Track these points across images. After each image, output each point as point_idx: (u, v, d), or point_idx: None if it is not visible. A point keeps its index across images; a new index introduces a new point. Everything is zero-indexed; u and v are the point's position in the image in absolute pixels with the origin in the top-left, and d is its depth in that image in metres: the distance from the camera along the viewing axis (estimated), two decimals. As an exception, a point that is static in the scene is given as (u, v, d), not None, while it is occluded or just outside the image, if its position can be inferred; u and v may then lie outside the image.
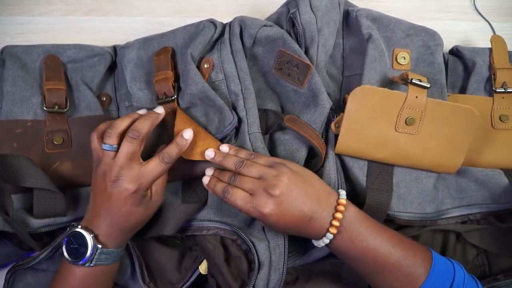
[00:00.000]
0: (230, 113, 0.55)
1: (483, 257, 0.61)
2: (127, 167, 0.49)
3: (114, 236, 0.51)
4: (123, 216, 0.50)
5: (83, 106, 0.61)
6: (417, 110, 0.55)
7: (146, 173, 0.50)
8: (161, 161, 0.51)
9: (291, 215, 0.49)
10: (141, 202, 0.51)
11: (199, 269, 0.57)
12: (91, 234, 0.50)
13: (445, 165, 0.58)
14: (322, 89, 0.56)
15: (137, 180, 0.49)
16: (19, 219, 0.55)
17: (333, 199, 0.51)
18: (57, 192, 0.54)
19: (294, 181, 0.50)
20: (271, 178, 0.49)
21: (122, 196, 0.49)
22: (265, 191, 0.49)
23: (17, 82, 0.59)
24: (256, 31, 0.58)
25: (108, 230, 0.50)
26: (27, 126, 0.58)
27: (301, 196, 0.49)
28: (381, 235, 0.50)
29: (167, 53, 0.59)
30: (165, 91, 0.58)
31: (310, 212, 0.49)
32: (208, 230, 0.55)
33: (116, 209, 0.50)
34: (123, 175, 0.49)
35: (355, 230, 0.50)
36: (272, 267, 0.53)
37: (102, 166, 0.50)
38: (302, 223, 0.50)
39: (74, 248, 0.50)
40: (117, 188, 0.49)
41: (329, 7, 0.59)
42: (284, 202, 0.49)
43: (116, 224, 0.50)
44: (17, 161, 0.53)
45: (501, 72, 0.62)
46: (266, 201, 0.49)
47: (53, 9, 0.69)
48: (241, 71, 0.57)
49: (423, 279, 0.48)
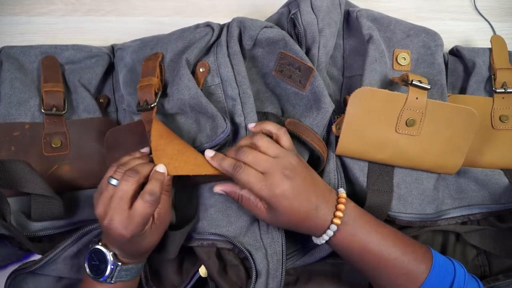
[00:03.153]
0: (223, 121, 0.54)
1: (483, 257, 0.62)
2: (118, 209, 0.47)
3: (130, 257, 0.51)
4: (129, 248, 0.50)
5: (82, 108, 0.61)
6: (418, 112, 0.55)
7: (135, 216, 0.47)
8: (145, 202, 0.47)
9: (300, 203, 0.49)
10: (142, 236, 0.49)
11: (199, 272, 0.57)
12: (111, 251, 0.50)
13: (445, 166, 0.58)
14: (324, 92, 0.56)
15: (128, 226, 0.47)
16: (17, 222, 0.55)
17: (334, 195, 0.51)
18: (54, 198, 0.54)
19: (305, 171, 0.50)
20: (286, 160, 0.49)
21: (120, 238, 0.48)
22: (281, 171, 0.48)
23: (14, 84, 0.58)
24: (257, 32, 0.57)
25: (121, 253, 0.50)
26: (25, 129, 0.58)
27: (310, 186, 0.49)
28: (381, 232, 0.50)
29: (156, 59, 0.57)
30: (146, 98, 0.55)
31: (316, 203, 0.49)
32: (204, 241, 0.55)
33: (120, 243, 0.49)
34: (114, 219, 0.47)
35: (356, 225, 0.50)
36: (270, 275, 0.53)
37: (101, 200, 0.49)
38: (307, 214, 0.49)
39: (95, 264, 0.50)
40: (113, 231, 0.48)
41: (330, 7, 0.59)
42: (296, 187, 0.48)
43: (125, 251, 0.50)
44: (14, 167, 0.53)
45: (501, 72, 0.62)
46: (281, 181, 0.48)
47: (53, 9, 0.69)
48: (238, 75, 0.56)
49: (424, 276, 0.48)
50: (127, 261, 0.51)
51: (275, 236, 0.54)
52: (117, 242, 0.49)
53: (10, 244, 0.58)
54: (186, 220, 0.55)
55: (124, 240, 0.48)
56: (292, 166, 0.49)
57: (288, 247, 0.57)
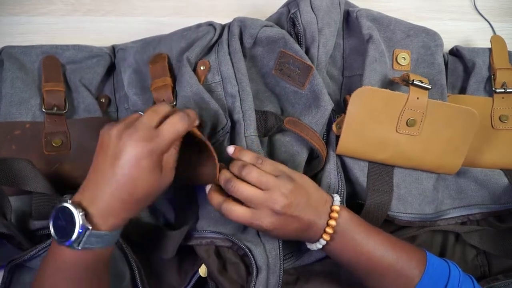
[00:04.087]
0: (224, 118, 0.54)
1: (482, 258, 0.62)
2: (141, 126, 0.43)
3: (112, 212, 0.44)
4: (130, 182, 0.43)
5: (82, 107, 0.61)
6: (418, 112, 0.55)
7: (165, 129, 0.44)
8: (181, 117, 0.45)
9: (291, 228, 0.50)
10: (153, 169, 0.44)
11: (199, 272, 0.57)
12: (82, 212, 0.42)
13: (445, 166, 0.58)
14: (323, 91, 0.56)
15: (152, 137, 0.43)
16: (18, 220, 0.55)
17: (328, 206, 0.51)
18: (55, 196, 0.54)
19: (296, 195, 0.49)
20: (275, 192, 0.49)
21: (134, 155, 0.42)
22: (268, 206, 0.48)
23: (15, 84, 0.58)
24: (257, 31, 0.57)
25: (107, 202, 0.43)
26: (26, 128, 0.58)
27: (302, 209, 0.49)
28: (374, 239, 0.50)
29: (163, 60, 0.58)
30: (164, 98, 0.56)
31: (308, 222, 0.50)
32: (202, 239, 0.55)
33: (123, 173, 0.43)
34: (136, 133, 0.43)
35: (348, 235, 0.50)
36: (270, 270, 0.53)
37: (122, 124, 0.44)
38: (300, 231, 0.50)
39: (61, 225, 0.43)
40: (131, 143, 0.42)
41: (329, 7, 0.59)
42: (285, 217, 0.49)
43: (119, 192, 0.43)
44: (16, 164, 0.53)
45: (501, 72, 0.62)
46: (267, 216, 0.48)
47: (53, 9, 0.69)
48: (238, 72, 0.56)
49: (417, 280, 0.48)
50: (102, 222, 0.43)
51: None
52: (120, 171, 0.43)
53: (10, 244, 0.58)
54: (185, 220, 0.55)
55: (136, 159, 0.42)
56: (280, 198, 0.48)
57: (287, 247, 0.57)
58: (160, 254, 0.55)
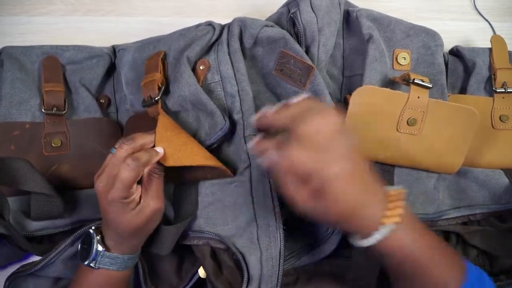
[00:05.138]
0: (222, 118, 0.54)
1: (483, 258, 0.61)
2: (108, 172, 0.48)
3: (117, 241, 0.50)
4: (112, 221, 0.49)
5: (82, 108, 0.61)
6: (419, 111, 0.55)
7: (116, 179, 0.47)
8: (126, 165, 0.46)
9: (356, 187, 0.40)
10: (122, 210, 0.48)
11: (198, 273, 0.56)
12: (98, 235, 0.50)
13: (445, 166, 0.58)
14: (325, 91, 0.56)
15: (110, 189, 0.47)
16: (16, 221, 0.54)
17: (380, 187, 0.43)
18: (54, 196, 0.54)
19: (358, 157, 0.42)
20: (343, 141, 0.41)
21: (102, 203, 0.48)
22: (339, 150, 0.40)
23: (15, 84, 0.58)
24: (257, 31, 0.57)
25: (109, 234, 0.50)
26: (25, 128, 0.58)
27: (365, 173, 0.42)
28: (425, 239, 0.44)
29: (158, 56, 0.58)
30: (150, 93, 0.56)
31: (374, 190, 0.42)
32: (199, 240, 0.54)
33: (104, 215, 0.49)
34: (102, 182, 0.48)
35: (405, 230, 0.42)
36: (263, 281, 0.50)
37: (102, 167, 0.50)
38: (361, 203, 0.41)
39: (84, 248, 0.50)
40: (98, 194, 0.48)
41: (329, 7, 0.59)
42: (354, 164, 0.40)
43: (111, 228, 0.50)
44: (15, 164, 0.53)
45: (501, 72, 0.62)
46: (335, 159, 0.39)
47: (53, 9, 0.69)
48: (238, 72, 0.56)
49: None
50: (113, 247, 0.50)
51: (273, 238, 0.52)
52: (102, 213, 0.49)
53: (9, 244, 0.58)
54: (184, 216, 0.55)
55: (105, 203, 0.48)
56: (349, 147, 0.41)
57: (288, 247, 0.56)
58: (156, 250, 0.54)
